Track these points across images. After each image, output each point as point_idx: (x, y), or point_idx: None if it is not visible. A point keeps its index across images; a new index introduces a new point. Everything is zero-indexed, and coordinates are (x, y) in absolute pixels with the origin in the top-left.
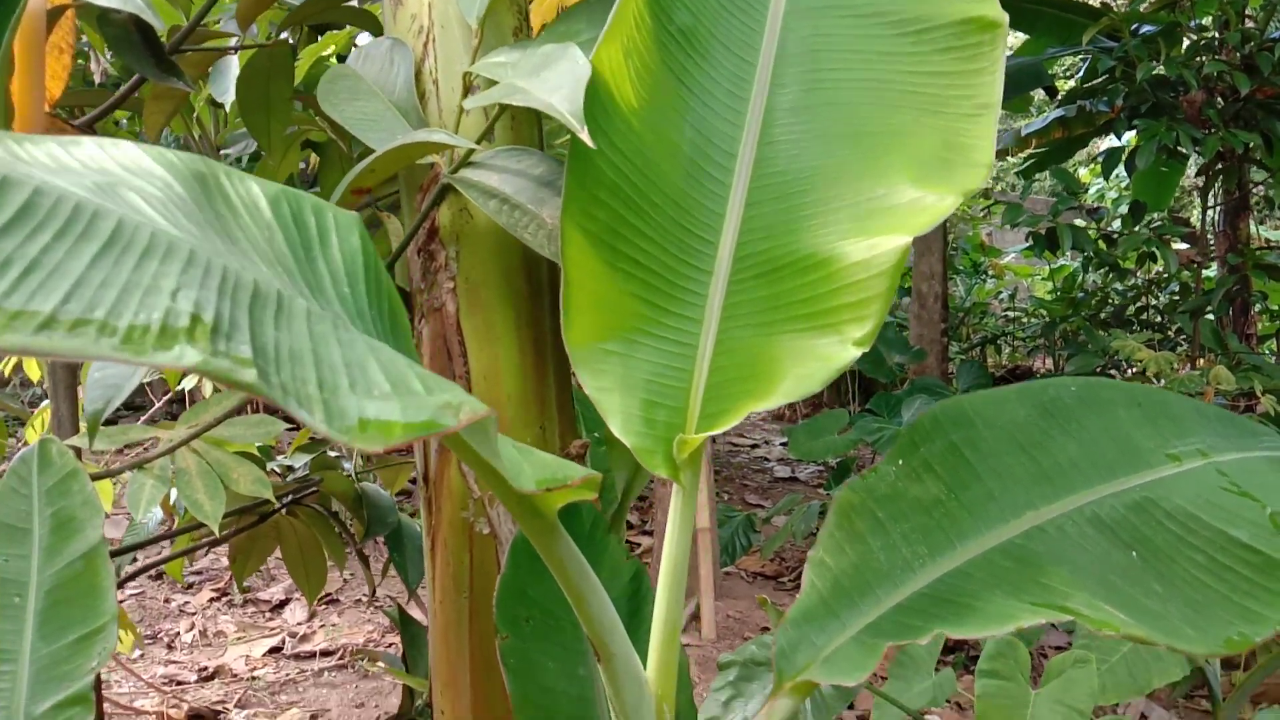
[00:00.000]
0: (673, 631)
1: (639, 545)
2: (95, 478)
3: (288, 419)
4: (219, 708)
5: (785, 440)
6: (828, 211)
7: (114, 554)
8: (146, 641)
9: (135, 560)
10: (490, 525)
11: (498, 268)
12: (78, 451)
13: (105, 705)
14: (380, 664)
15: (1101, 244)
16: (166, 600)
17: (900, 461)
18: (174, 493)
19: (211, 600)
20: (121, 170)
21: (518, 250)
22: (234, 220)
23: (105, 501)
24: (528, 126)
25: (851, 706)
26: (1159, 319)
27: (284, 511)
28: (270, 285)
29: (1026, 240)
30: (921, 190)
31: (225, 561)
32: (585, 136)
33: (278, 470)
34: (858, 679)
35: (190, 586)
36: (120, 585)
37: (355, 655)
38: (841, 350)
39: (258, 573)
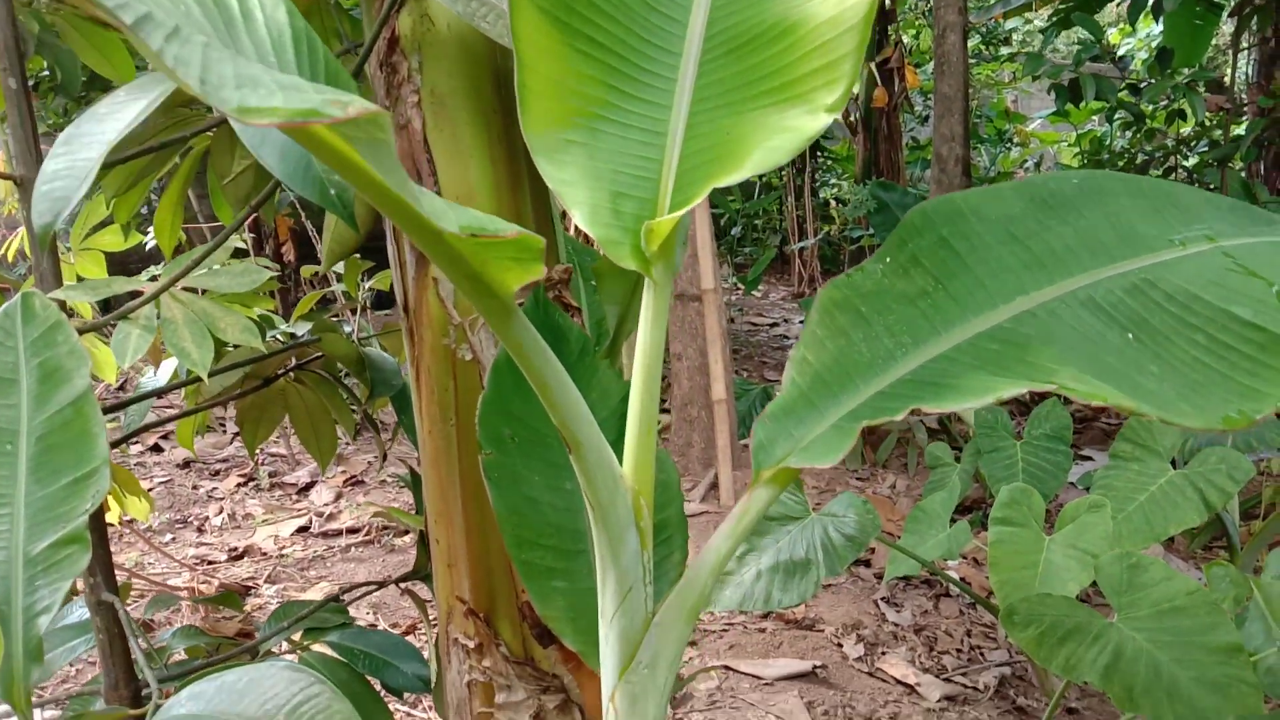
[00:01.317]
0: (648, 428)
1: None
2: (81, 331)
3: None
4: (249, 583)
5: (804, 318)
6: None
7: (111, 408)
8: (177, 526)
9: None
10: (473, 351)
11: (465, 80)
12: (61, 304)
13: (139, 582)
14: (402, 530)
15: (1126, 94)
16: (195, 487)
17: (888, 259)
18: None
19: (239, 485)
20: None
21: (486, 61)
22: None
23: (109, 374)
24: None
25: (868, 564)
26: (1188, 179)
27: (290, 378)
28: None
29: (1049, 92)
30: None
31: None
32: None
33: (280, 338)
34: (832, 461)
35: (217, 473)
36: (124, 441)
37: (365, 507)
38: (812, 120)
39: (282, 458)
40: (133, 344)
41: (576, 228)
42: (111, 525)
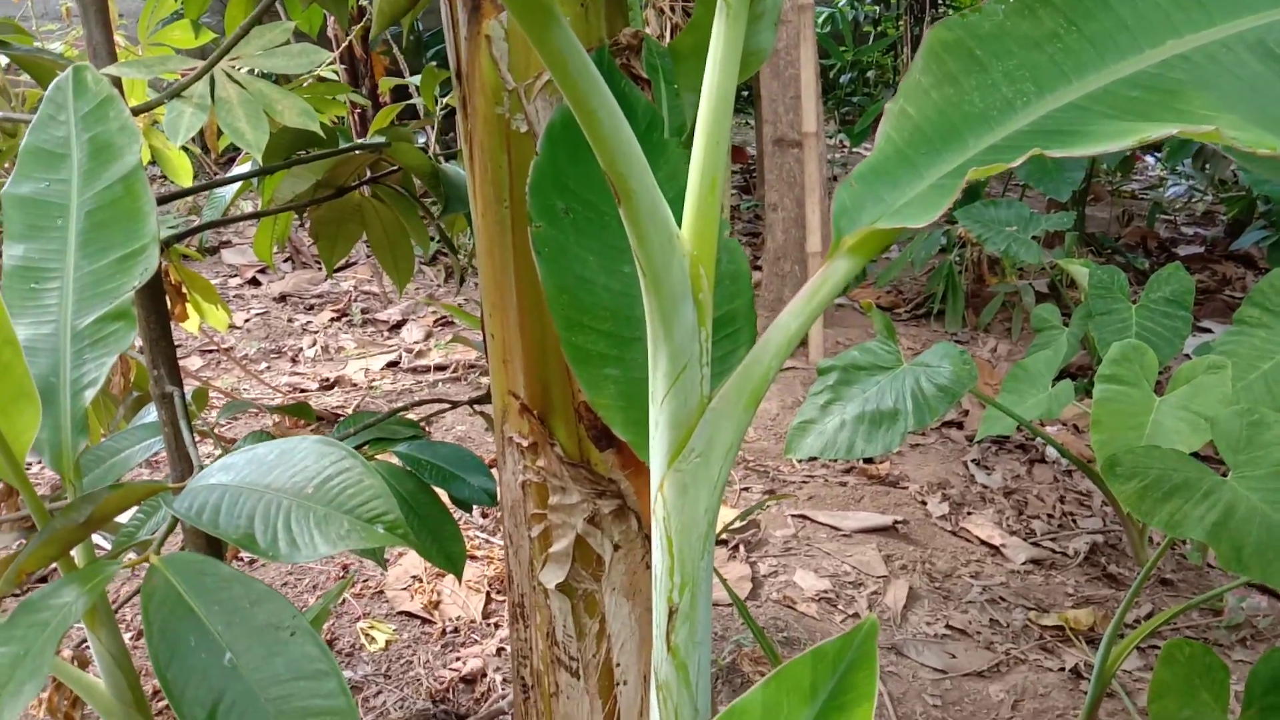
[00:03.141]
0: (711, 185)
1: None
2: (135, 112)
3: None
4: (338, 411)
5: None
6: None
7: (168, 198)
8: (272, 355)
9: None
10: (528, 121)
11: None
12: (115, 81)
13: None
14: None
15: None
16: (290, 320)
17: None
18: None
19: (332, 320)
20: None
21: None
22: None
23: (185, 178)
24: None
25: (960, 426)
26: None
27: (365, 193)
28: None
29: None
30: None
31: (344, 285)
32: None
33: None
34: (927, 219)
35: (312, 308)
36: (190, 235)
37: (454, 345)
38: None
39: (375, 295)
40: (185, 122)
41: None
42: (211, 351)
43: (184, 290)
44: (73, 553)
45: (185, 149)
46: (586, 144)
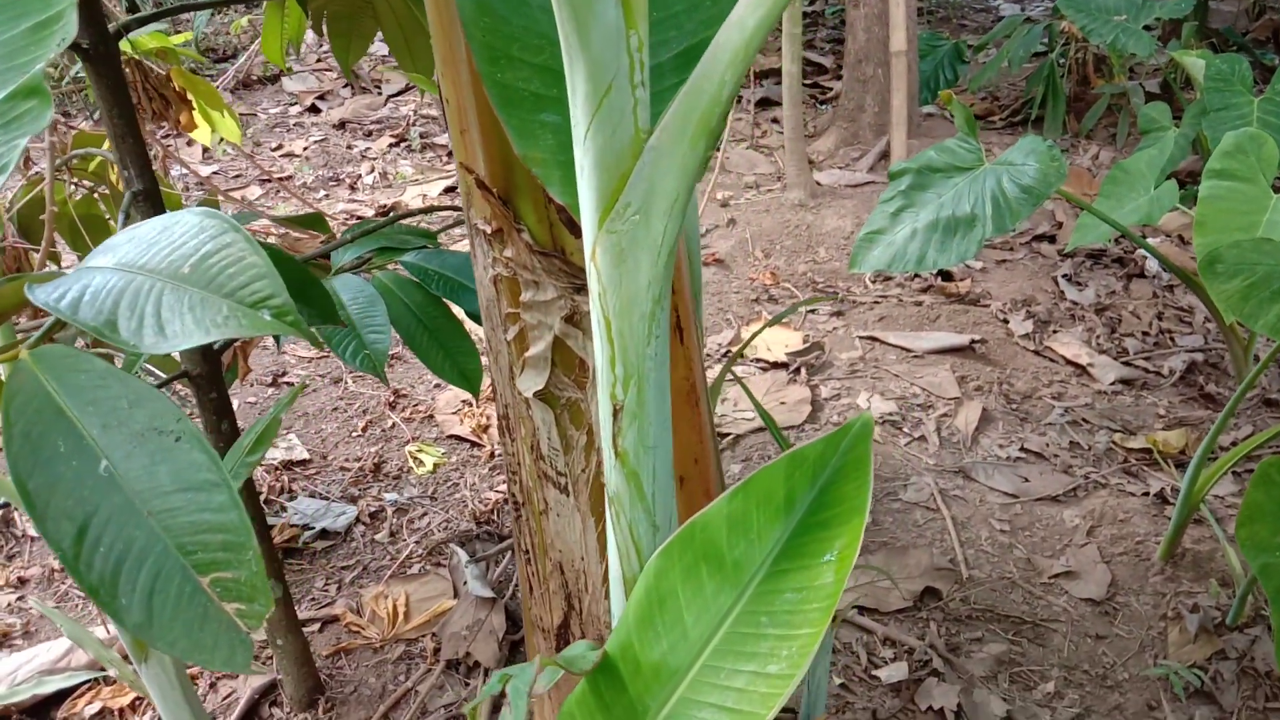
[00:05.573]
0: None
1: (829, 90)
2: None
3: None
4: None
5: None
6: None
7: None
8: (330, 183)
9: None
10: None
11: None
12: None
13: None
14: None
15: None
16: (349, 146)
17: None
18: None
19: (390, 146)
20: None
21: None
22: None
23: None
24: None
25: (1052, 240)
26: None
27: None
28: None
29: None
30: None
31: (404, 110)
32: None
33: None
34: None
35: (370, 134)
36: (147, 23)
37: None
38: None
39: (434, 120)
40: None
41: None
42: (268, 181)
43: (189, 98)
44: None
45: None
46: None
